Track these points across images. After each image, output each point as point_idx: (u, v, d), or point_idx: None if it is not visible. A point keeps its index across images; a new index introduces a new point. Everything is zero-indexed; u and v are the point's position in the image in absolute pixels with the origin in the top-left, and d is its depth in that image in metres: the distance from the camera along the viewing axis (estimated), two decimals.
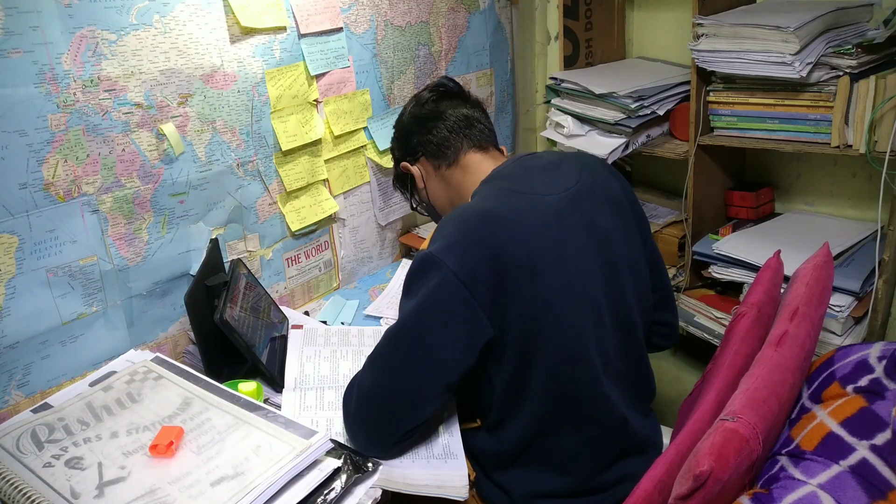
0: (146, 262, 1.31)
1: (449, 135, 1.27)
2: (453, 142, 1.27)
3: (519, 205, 1.09)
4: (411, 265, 1.06)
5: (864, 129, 1.39)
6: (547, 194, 1.11)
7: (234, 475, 0.92)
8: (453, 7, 1.87)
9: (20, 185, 1.12)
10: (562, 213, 1.10)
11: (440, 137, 1.28)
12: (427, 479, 1.07)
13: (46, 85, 1.12)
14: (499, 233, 1.03)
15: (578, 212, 1.12)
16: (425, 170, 1.32)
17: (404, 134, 1.35)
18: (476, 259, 1.01)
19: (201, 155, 1.37)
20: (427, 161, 1.31)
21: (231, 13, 1.36)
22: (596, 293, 1.10)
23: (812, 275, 1.16)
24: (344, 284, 1.76)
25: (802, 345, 1.03)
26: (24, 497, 0.87)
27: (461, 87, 1.37)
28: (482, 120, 1.31)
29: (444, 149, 1.28)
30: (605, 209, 1.16)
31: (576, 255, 1.09)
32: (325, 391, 1.23)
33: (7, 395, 1.15)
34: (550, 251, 1.06)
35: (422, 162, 1.32)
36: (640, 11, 2.04)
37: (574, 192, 1.14)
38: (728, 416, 0.88)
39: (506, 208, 1.07)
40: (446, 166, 1.28)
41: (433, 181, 1.32)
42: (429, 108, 1.32)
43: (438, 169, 1.30)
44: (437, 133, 1.28)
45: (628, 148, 1.76)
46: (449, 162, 1.28)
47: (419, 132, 1.31)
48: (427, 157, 1.31)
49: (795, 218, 1.77)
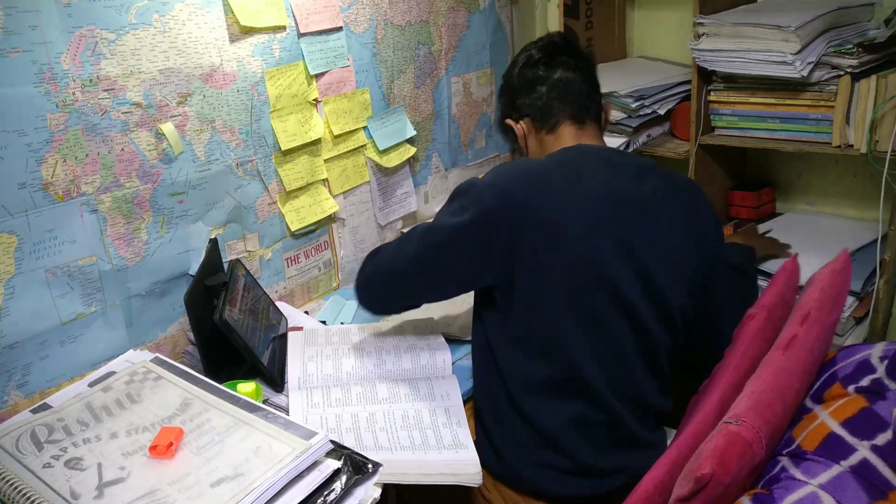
0: (145, 262, 1.30)
1: (551, 102, 1.31)
2: (554, 110, 1.31)
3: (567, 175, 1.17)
4: (461, 184, 1.21)
5: (865, 129, 1.39)
6: (600, 184, 1.17)
7: (234, 476, 0.92)
8: (453, 6, 1.87)
9: (19, 185, 1.11)
10: (603, 203, 1.15)
11: (544, 103, 1.32)
12: (441, 467, 1.09)
13: (45, 84, 1.12)
14: (534, 191, 1.14)
15: (629, 216, 1.15)
16: (527, 128, 1.36)
17: (511, 92, 1.38)
18: (509, 207, 1.13)
19: (200, 154, 1.36)
20: (530, 122, 1.35)
21: (230, 12, 1.36)
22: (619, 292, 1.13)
23: (828, 280, 1.15)
24: (344, 284, 1.76)
25: (811, 349, 1.03)
26: (23, 497, 0.87)
27: (572, 42, 1.39)
28: (583, 82, 1.32)
29: (546, 115, 1.32)
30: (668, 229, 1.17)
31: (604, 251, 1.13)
32: (330, 389, 1.24)
33: (6, 396, 1.15)
34: (575, 225, 1.13)
35: (525, 122, 1.36)
36: (641, 10, 2.04)
37: (638, 199, 1.16)
38: (732, 419, 0.88)
39: (552, 176, 1.16)
40: (546, 131, 1.32)
41: (532, 140, 1.36)
42: (534, 73, 1.34)
43: (539, 131, 1.34)
44: (541, 100, 1.32)
45: (629, 147, 1.75)
46: (548, 128, 1.32)
47: (525, 94, 1.34)
48: (531, 119, 1.35)
49: (796, 218, 1.76)
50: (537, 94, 1.32)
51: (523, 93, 1.35)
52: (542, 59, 1.34)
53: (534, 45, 1.38)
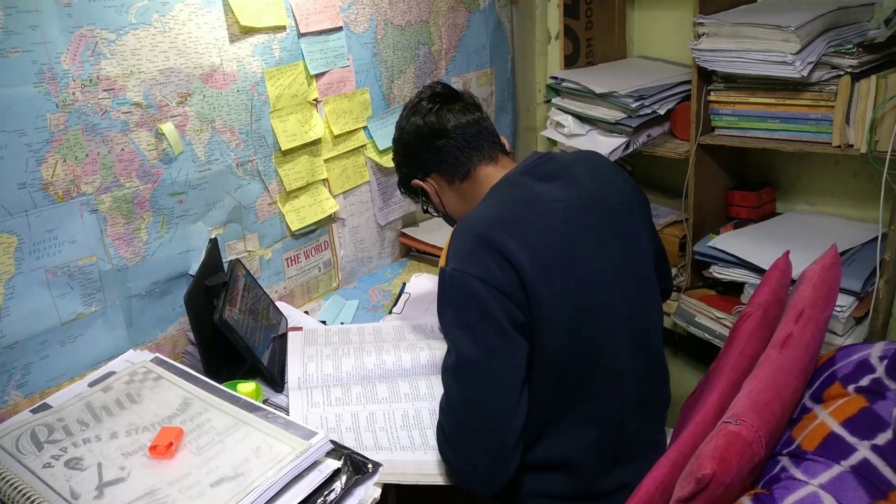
0: (145, 261, 1.30)
1: (458, 152, 1.25)
2: (463, 158, 1.25)
3: (524, 211, 1.10)
4: (440, 286, 1.09)
5: (865, 129, 1.38)
6: (555, 200, 1.12)
7: (234, 476, 0.92)
8: (453, 6, 1.87)
9: (19, 185, 1.11)
10: (571, 219, 1.10)
11: (449, 154, 1.26)
12: (441, 467, 1.09)
13: (45, 84, 1.12)
14: (505, 239, 1.05)
15: (590, 216, 1.12)
16: (438, 184, 1.31)
17: (410, 152, 1.32)
18: (495, 264, 1.04)
19: (200, 154, 1.36)
20: (439, 177, 1.30)
21: (230, 12, 1.36)
22: (612, 297, 1.11)
23: (819, 276, 1.15)
24: (344, 284, 1.76)
25: (807, 347, 1.03)
26: (23, 497, 0.87)
27: (454, 89, 1.34)
28: (483, 121, 1.29)
29: (456, 165, 1.26)
30: (617, 212, 1.16)
31: (588, 259, 1.09)
32: (330, 388, 1.24)
33: (6, 396, 1.15)
34: (559, 258, 1.07)
35: (433, 178, 1.30)
36: (641, 10, 2.04)
37: (584, 196, 1.14)
38: (731, 419, 0.88)
39: (511, 215, 1.08)
40: (459, 181, 1.27)
41: (447, 194, 1.30)
42: (431, 122, 1.28)
43: (452, 183, 1.28)
44: (446, 151, 1.26)
45: (629, 147, 1.75)
46: (462, 177, 1.27)
47: (426, 150, 1.28)
48: (439, 174, 1.29)
49: (796, 218, 1.76)
50: (441, 148, 1.26)
51: (424, 149, 1.28)
52: (432, 109, 1.29)
53: (419, 99, 1.32)
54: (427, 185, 1.31)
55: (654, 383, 1.22)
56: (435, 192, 1.31)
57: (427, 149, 1.28)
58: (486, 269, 1.03)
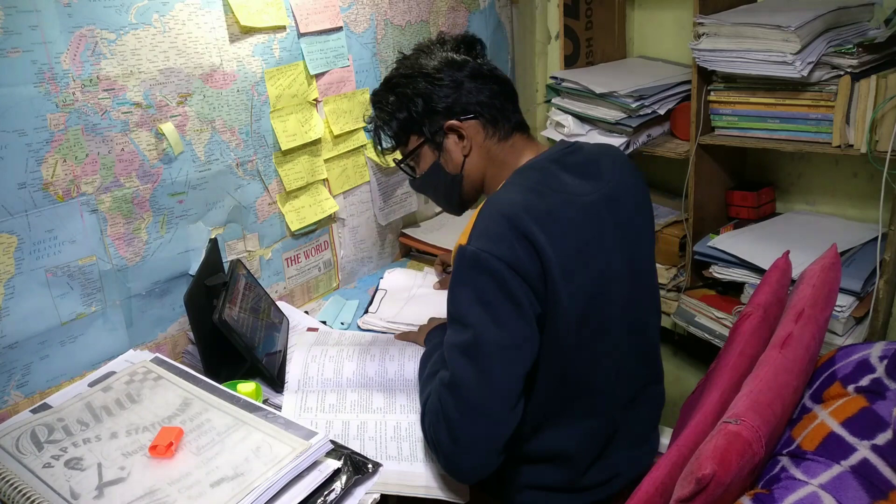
0: (145, 261, 1.30)
1: (506, 101, 1.09)
2: (511, 109, 1.10)
3: (554, 203, 1.04)
4: (461, 263, 1.00)
5: (865, 129, 1.38)
6: (581, 194, 1.08)
7: (234, 476, 0.92)
8: (453, 6, 1.87)
9: (19, 185, 1.11)
10: (594, 216, 1.08)
11: (499, 99, 1.09)
12: (426, 479, 1.07)
13: (45, 84, 1.12)
14: (537, 228, 1.00)
15: (610, 213, 1.11)
16: (471, 136, 1.11)
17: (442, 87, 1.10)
18: (524, 250, 0.99)
19: (200, 154, 1.36)
20: (480, 127, 1.11)
21: (230, 12, 1.36)
22: (618, 295, 1.11)
23: (819, 276, 1.15)
24: (344, 284, 1.76)
25: (807, 347, 1.03)
26: (23, 497, 0.87)
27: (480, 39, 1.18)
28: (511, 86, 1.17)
29: (504, 114, 1.10)
30: (633, 210, 1.15)
31: (601, 257, 1.08)
32: (326, 394, 1.23)
33: (6, 396, 1.15)
34: (581, 253, 1.05)
35: (472, 126, 1.10)
36: (641, 10, 2.04)
37: (607, 193, 1.11)
38: (731, 419, 0.88)
39: (543, 206, 1.02)
40: (497, 139, 1.11)
41: (476, 152, 1.12)
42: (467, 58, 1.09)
43: (487, 139, 1.11)
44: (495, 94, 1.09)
45: (629, 147, 1.75)
46: (504, 133, 1.11)
47: (475, 86, 1.09)
48: (482, 120, 1.10)
49: (796, 218, 1.76)
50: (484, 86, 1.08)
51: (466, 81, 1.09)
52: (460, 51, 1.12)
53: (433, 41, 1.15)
54: (465, 127, 1.10)
55: (649, 380, 1.23)
56: (467, 143, 1.11)
57: (476, 86, 1.08)
58: (515, 255, 0.98)
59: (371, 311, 1.57)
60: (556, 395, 1.10)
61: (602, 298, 1.08)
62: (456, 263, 1.02)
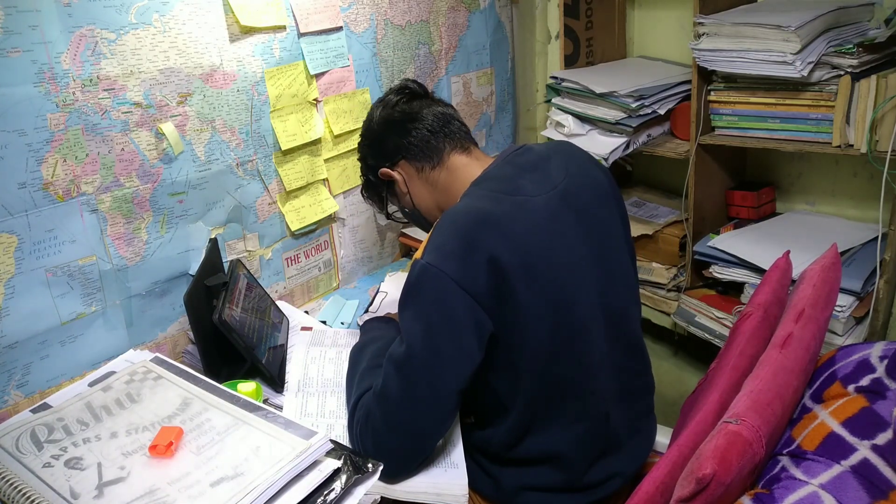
0: (145, 261, 1.30)
1: (430, 135, 1.21)
2: (435, 143, 1.21)
3: (510, 208, 1.07)
4: (410, 277, 1.04)
5: (865, 129, 1.38)
6: (536, 195, 1.10)
7: (234, 476, 0.91)
8: (453, 6, 1.87)
9: (19, 185, 1.11)
10: (553, 214, 1.09)
11: (421, 138, 1.22)
12: (426, 486, 1.07)
13: (46, 84, 1.12)
14: (493, 238, 1.02)
15: (569, 210, 1.11)
16: (407, 173, 1.25)
17: (378, 139, 1.28)
18: (475, 265, 1.01)
19: (200, 154, 1.36)
20: (409, 164, 1.24)
21: (230, 12, 1.36)
22: (590, 291, 1.11)
23: (819, 276, 1.15)
24: (344, 284, 1.76)
25: (807, 347, 1.03)
26: (23, 497, 0.87)
27: (425, 87, 1.33)
28: (457, 117, 1.27)
29: (427, 150, 1.22)
30: (594, 203, 1.16)
31: (568, 255, 1.09)
32: (327, 397, 1.23)
33: (6, 395, 1.15)
34: (543, 255, 1.05)
35: (402, 166, 1.25)
36: (641, 10, 2.04)
37: (562, 189, 1.12)
38: (732, 419, 0.88)
39: (499, 212, 1.05)
40: (430, 168, 1.23)
41: (417, 185, 1.25)
42: (402, 109, 1.25)
43: (422, 171, 1.24)
44: (416, 134, 1.22)
45: (629, 147, 1.75)
46: (433, 164, 1.22)
47: (396, 135, 1.24)
48: (409, 160, 1.24)
49: (796, 218, 1.76)
50: (411, 131, 1.21)
51: (394, 134, 1.23)
52: (401, 100, 1.26)
53: (388, 93, 1.30)
54: (396, 173, 1.25)
55: (635, 372, 1.23)
56: (403, 182, 1.25)
57: (398, 134, 1.23)
58: (465, 272, 1.00)
59: (371, 310, 1.56)
60: (542, 401, 1.10)
61: (573, 297, 1.08)
62: (407, 277, 1.06)
